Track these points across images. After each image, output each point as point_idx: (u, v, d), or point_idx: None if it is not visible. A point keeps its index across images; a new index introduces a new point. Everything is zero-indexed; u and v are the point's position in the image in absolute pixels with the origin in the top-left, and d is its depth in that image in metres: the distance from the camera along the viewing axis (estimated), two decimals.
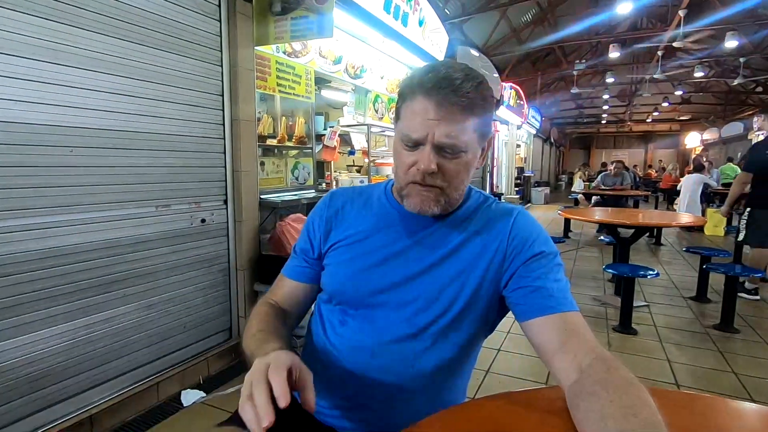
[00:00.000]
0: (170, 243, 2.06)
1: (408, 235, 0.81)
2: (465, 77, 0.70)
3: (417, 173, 0.72)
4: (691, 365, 2.50)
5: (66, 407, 1.70)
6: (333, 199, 0.89)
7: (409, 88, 0.73)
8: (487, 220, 0.81)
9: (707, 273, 3.55)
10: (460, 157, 0.72)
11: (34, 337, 1.58)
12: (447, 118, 0.69)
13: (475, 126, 0.72)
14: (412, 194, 0.75)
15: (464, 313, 0.77)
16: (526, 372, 2.36)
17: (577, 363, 0.64)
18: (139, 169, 1.89)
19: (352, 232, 0.84)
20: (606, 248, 5.70)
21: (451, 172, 0.73)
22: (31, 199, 1.55)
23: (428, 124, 0.70)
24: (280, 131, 2.78)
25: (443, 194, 0.75)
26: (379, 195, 0.87)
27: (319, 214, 0.88)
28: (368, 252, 0.81)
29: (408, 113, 0.73)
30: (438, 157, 0.71)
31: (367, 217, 0.85)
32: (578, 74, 10.97)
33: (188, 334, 2.19)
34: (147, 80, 1.89)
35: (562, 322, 0.69)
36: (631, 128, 22.31)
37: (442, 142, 0.70)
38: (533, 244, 0.76)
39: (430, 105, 0.69)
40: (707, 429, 0.64)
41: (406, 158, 0.74)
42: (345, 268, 0.82)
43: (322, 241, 0.85)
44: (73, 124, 1.64)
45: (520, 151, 12.70)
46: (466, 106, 0.69)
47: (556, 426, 0.62)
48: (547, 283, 0.73)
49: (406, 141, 0.73)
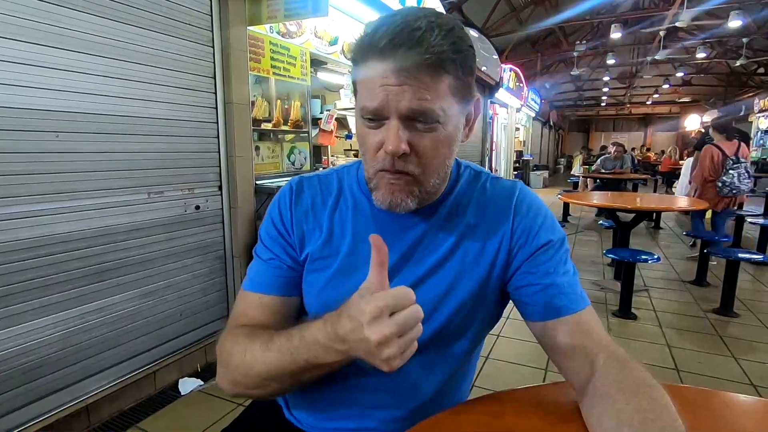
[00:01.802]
0: (164, 230, 2.01)
1: (394, 242, 0.66)
2: (429, 25, 0.53)
3: (386, 159, 0.57)
4: (690, 350, 2.50)
5: (62, 397, 1.68)
6: (298, 194, 0.71)
7: (360, 51, 0.57)
8: (483, 209, 0.69)
9: (707, 257, 3.54)
10: (436, 130, 0.57)
11: (26, 327, 1.55)
12: (412, 80, 0.54)
13: (452, 87, 0.56)
14: (381, 185, 0.61)
15: (468, 318, 0.68)
16: (525, 358, 2.35)
17: (589, 363, 0.60)
18: (129, 155, 1.83)
19: (329, 245, 0.69)
20: (605, 232, 5.69)
21: (427, 150, 0.58)
22: (18, 186, 1.50)
23: (389, 91, 0.54)
24: (276, 115, 2.71)
25: (416, 183, 0.60)
26: (351, 186, 0.71)
27: (284, 215, 0.71)
28: (352, 270, 0.67)
29: (364, 81, 0.57)
30: (408, 133, 0.56)
31: (344, 222, 0.69)
32: (579, 56, 10.80)
33: (185, 322, 2.16)
34: (136, 62, 1.81)
35: (575, 323, 0.63)
36: (630, 111, 22.15)
37: (410, 109, 0.54)
38: (539, 233, 0.66)
39: (388, 67, 0.54)
40: (729, 429, 0.61)
41: (370, 139, 0.59)
42: (327, 293, 0.68)
43: (297, 249, 0.70)
44: (58, 108, 1.58)
45: (519, 135, 12.59)
46: (435, 63, 0.53)
47: (567, 426, 0.59)
48: (557, 278, 0.65)
49: (365, 114, 0.57)
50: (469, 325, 0.69)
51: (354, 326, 0.48)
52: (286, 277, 0.70)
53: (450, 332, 0.68)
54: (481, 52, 6.31)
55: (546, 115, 17.16)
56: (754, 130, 12.30)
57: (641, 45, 11.45)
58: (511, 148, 10.87)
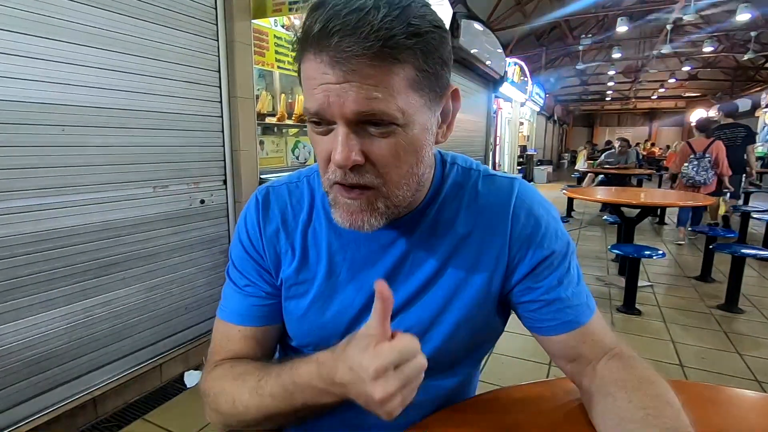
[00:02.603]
0: (169, 224, 2.02)
1: (376, 262, 0.60)
2: (375, 3, 0.43)
3: (336, 170, 0.49)
4: (695, 346, 2.49)
5: (69, 389, 1.70)
6: (265, 210, 0.63)
7: (298, 41, 0.48)
8: (476, 217, 0.60)
9: (712, 253, 3.52)
10: (394, 134, 0.47)
11: (33, 321, 1.56)
12: (354, 76, 0.44)
13: (411, 80, 0.46)
14: (338, 203, 0.52)
15: (465, 339, 0.62)
16: (529, 352, 2.35)
17: (592, 365, 0.59)
18: (134, 149, 1.83)
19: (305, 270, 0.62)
20: (609, 228, 5.67)
21: (385, 159, 0.48)
22: (24, 180, 1.50)
23: (329, 91, 0.45)
24: (280, 109, 2.70)
25: (379, 196, 0.50)
26: (323, 197, 0.61)
27: (253, 237, 0.63)
28: (332, 294, 0.61)
29: (304, 81, 0.48)
30: (360, 140, 0.47)
31: (319, 242, 0.61)
32: (584, 50, 10.72)
33: (190, 316, 2.17)
34: (140, 55, 1.81)
35: (580, 334, 0.60)
36: (635, 105, 22.01)
37: (357, 111, 0.45)
38: (541, 243, 0.59)
39: (324, 60, 0.44)
40: (735, 424, 0.60)
41: (320, 147, 0.50)
42: (308, 321, 0.62)
43: (273, 273, 0.63)
44: (64, 102, 1.57)
45: (523, 129, 12.53)
46: (384, 50, 0.43)
47: (572, 423, 0.59)
48: (561, 292, 0.59)
49: (308, 117, 0.49)
50: (468, 345, 0.64)
51: (354, 379, 0.44)
52: (265, 306, 0.63)
53: (446, 356, 0.62)
54: (486, 45, 6.27)
55: (550, 109, 17.06)
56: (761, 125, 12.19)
57: (647, 39, 11.35)
58: (515, 143, 10.82)
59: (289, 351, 0.69)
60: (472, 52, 5.68)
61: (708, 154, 4.43)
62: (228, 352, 0.62)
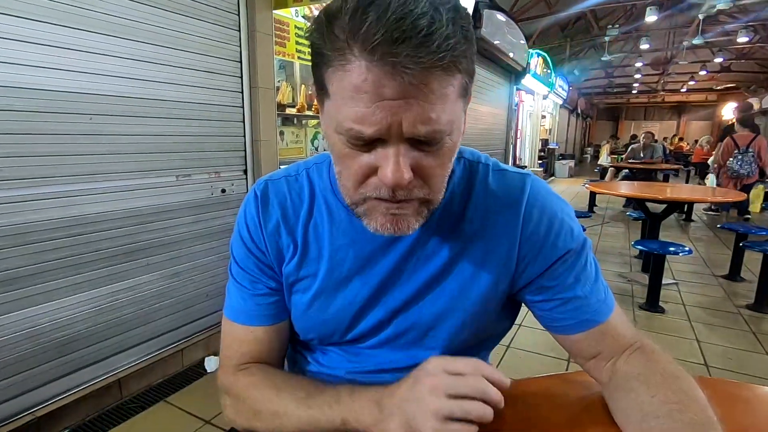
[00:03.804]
0: (191, 213, 2.06)
1: (380, 258, 0.58)
2: (431, 6, 0.38)
3: (381, 188, 0.45)
4: (721, 346, 2.41)
5: (96, 370, 1.76)
6: (265, 204, 0.60)
7: (336, 41, 0.40)
8: (485, 215, 0.57)
9: (742, 251, 3.40)
10: (443, 145, 0.45)
11: (61, 304, 1.62)
12: (418, 93, 0.39)
13: (461, 88, 0.43)
14: (375, 213, 0.48)
15: (471, 336, 0.61)
16: (547, 347, 2.32)
17: (613, 361, 0.58)
18: (158, 138, 1.86)
19: (306, 266, 0.60)
20: (633, 224, 5.53)
21: (433, 171, 0.46)
22: (53, 167, 1.54)
23: (388, 109, 0.40)
24: (300, 100, 2.71)
25: (425, 204, 0.48)
26: (324, 191, 0.60)
27: (254, 232, 0.60)
28: (333, 290, 0.60)
29: (345, 90, 0.41)
30: (411, 156, 0.44)
31: (320, 238, 0.59)
32: (610, 41, 10.40)
33: (211, 303, 2.22)
34: (164, 45, 1.83)
35: (599, 333, 0.58)
36: (663, 98, 21.32)
37: (416, 134, 0.41)
38: (555, 243, 0.56)
39: (387, 71, 0.38)
40: (762, 422, 0.58)
41: (355, 163, 0.45)
42: (310, 316, 0.61)
43: (276, 268, 0.61)
44: (89, 91, 1.61)
45: (545, 123, 12.29)
46: (452, 61, 0.39)
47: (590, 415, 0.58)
48: (578, 290, 0.57)
49: (351, 138, 0.43)
50: (472, 343, 0.63)
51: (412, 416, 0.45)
52: (272, 303, 0.61)
53: (450, 353, 0.60)
54: (508, 36, 6.14)
55: (573, 102, 16.68)
56: None
57: (678, 29, 10.93)
58: (537, 137, 10.63)
59: (298, 346, 0.68)
60: (495, 43, 5.58)
61: (751, 149, 4.82)
62: (244, 356, 0.61)
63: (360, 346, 0.63)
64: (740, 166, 4.86)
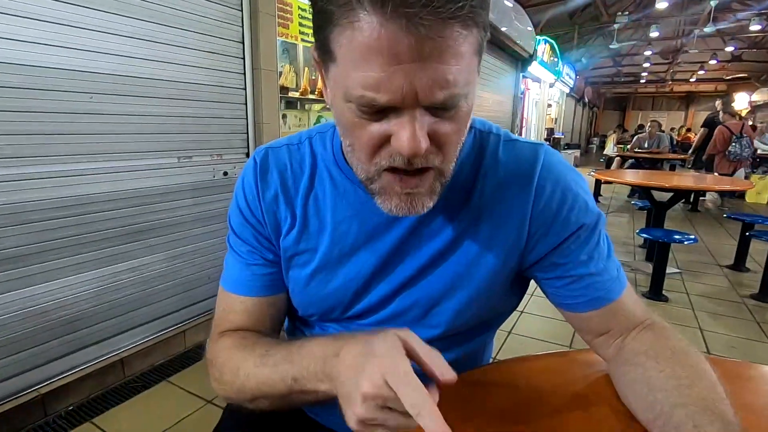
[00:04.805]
0: (193, 195, 2.05)
1: (384, 234, 0.56)
2: None
3: (396, 156, 0.43)
4: (724, 334, 2.40)
5: (99, 349, 1.77)
6: (264, 172, 0.58)
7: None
8: (496, 187, 0.54)
9: (748, 241, 3.37)
10: (459, 109, 0.42)
11: (64, 282, 1.62)
12: (436, 52, 0.36)
13: (477, 44, 0.40)
14: (390, 194, 0.46)
15: (477, 314, 0.59)
16: (549, 335, 2.31)
17: (622, 338, 0.57)
18: (160, 119, 1.85)
19: (305, 239, 0.58)
20: (638, 213, 5.49)
21: (449, 138, 0.43)
22: (55, 146, 1.53)
23: (403, 75, 0.37)
24: (303, 84, 2.68)
25: (438, 176, 0.46)
26: (326, 162, 0.58)
27: (251, 202, 0.59)
28: (334, 265, 0.58)
29: (354, 51, 0.37)
30: (427, 123, 0.41)
31: (322, 211, 0.57)
32: (619, 28, 10.22)
33: (213, 285, 2.22)
34: (164, 23, 1.81)
35: (610, 310, 0.56)
36: (672, 88, 21.01)
37: (434, 100, 0.39)
38: (568, 217, 0.54)
39: (399, 31, 0.35)
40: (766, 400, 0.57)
41: (367, 132, 0.42)
42: (309, 291, 0.60)
43: (274, 240, 0.59)
44: (89, 69, 1.59)
45: (552, 111, 12.16)
46: (467, 13, 0.36)
47: (594, 392, 0.57)
48: (591, 266, 0.55)
49: (362, 106, 0.40)
50: (478, 320, 0.61)
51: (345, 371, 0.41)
52: (268, 275, 0.60)
53: (455, 331, 0.59)
54: (516, 23, 6.05)
55: (580, 91, 16.47)
56: None
57: (688, 17, 10.72)
58: (542, 125, 10.52)
59: (297, 322, 0.67)
60: (502, 30, 5.49)
61: (745, 134, 5.35)
62: (232, 324, 0.59)
63: (361, 322, 0.61)
64: (742, 150, 5.37)
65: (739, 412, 0.44)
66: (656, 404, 0.46)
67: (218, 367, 0.56)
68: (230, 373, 0.53)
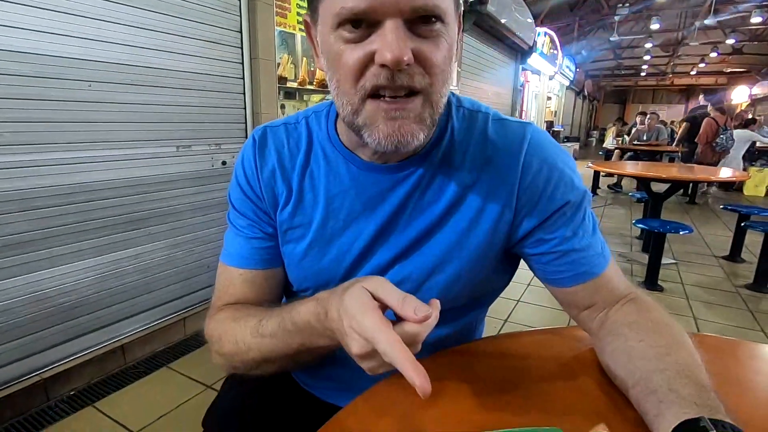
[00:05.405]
0: (192, 184, 2.06)
1: (376, 208, 0.57)
2: None
3: (380, 73, 0.43)
4: (718, 323, 2.43)
5: (100, 336, 1.79)
6: (262, 149, 0.61)
7: None
8: (484, 163, 0.56)
9: (744, 231, 3.39)
10: (440, 34, 0.44)
11: (65, 269, 1.64)
12: None
13: None
14: (377, 120, 0.46)
15: (467, 288, 0.61)
16: (545, 323, 2.34)
17: (606, 311, 0.58)
18: (158, 107, 1.86)
19: (300, 214, 0.60)
20: (635, 205, 5.52)
21: (434, 57, 0.44)
22: (54, 134, 1.55)
23: None
24: (301, 74, 2.68)
25: (427, 103, 0.46)
26: (321, 140, 0.60)
27: (250, 177, 0.61)
28: (329, 240, 0.59)
29: None
30: (410, 38, 0.43)
31: (316, 186, 0.59)
32: (620, 21, 10.17)
33: (212, 274, 2.22)
34: (163, 12, 1.81)
35: (594, 285, 0.57)
36: (672, 81, 20.91)
37: (417, 7, 0.42)
38: (554, 193, 0.55)
39: None
40: (753, 376, 0.59)
41: (351, 56, 0.44)
42: (304, 266, 0.61)
43: (272, 214, 0.62)
44: (88, 57, 1.60)
45: (551, 104, 12.12)
46: None
47: (581, 365, 0.59)
48: (576, 243, 0.56)
49: (343, 20, 0.43)
50: (469, 296, 0.62)
51: (339, 326, 0.42)
52: (266, 248, 0.61)
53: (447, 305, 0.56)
54: (515, 14, 6.02)
55: (580, 84, 16.42)
56: None
57: (689, 9, 10.67)
58: (542, 118, 10.50)
59: (293, 297, 0.69)
60: (502, 21, 5.47)
61: (729, 127, 5.84)
62: (231, 297, 0.61)
63: None
64: (727, 142, 5.86)
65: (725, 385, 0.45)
66: (635, 371, 0.48)
67: (217, 339, 0.58)
68: (229, 344, 0.55)
